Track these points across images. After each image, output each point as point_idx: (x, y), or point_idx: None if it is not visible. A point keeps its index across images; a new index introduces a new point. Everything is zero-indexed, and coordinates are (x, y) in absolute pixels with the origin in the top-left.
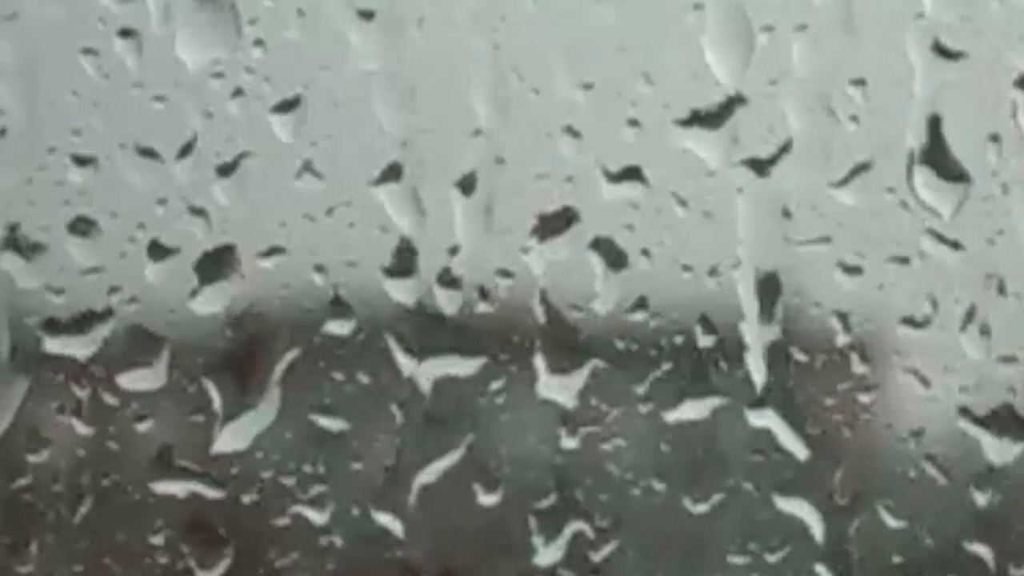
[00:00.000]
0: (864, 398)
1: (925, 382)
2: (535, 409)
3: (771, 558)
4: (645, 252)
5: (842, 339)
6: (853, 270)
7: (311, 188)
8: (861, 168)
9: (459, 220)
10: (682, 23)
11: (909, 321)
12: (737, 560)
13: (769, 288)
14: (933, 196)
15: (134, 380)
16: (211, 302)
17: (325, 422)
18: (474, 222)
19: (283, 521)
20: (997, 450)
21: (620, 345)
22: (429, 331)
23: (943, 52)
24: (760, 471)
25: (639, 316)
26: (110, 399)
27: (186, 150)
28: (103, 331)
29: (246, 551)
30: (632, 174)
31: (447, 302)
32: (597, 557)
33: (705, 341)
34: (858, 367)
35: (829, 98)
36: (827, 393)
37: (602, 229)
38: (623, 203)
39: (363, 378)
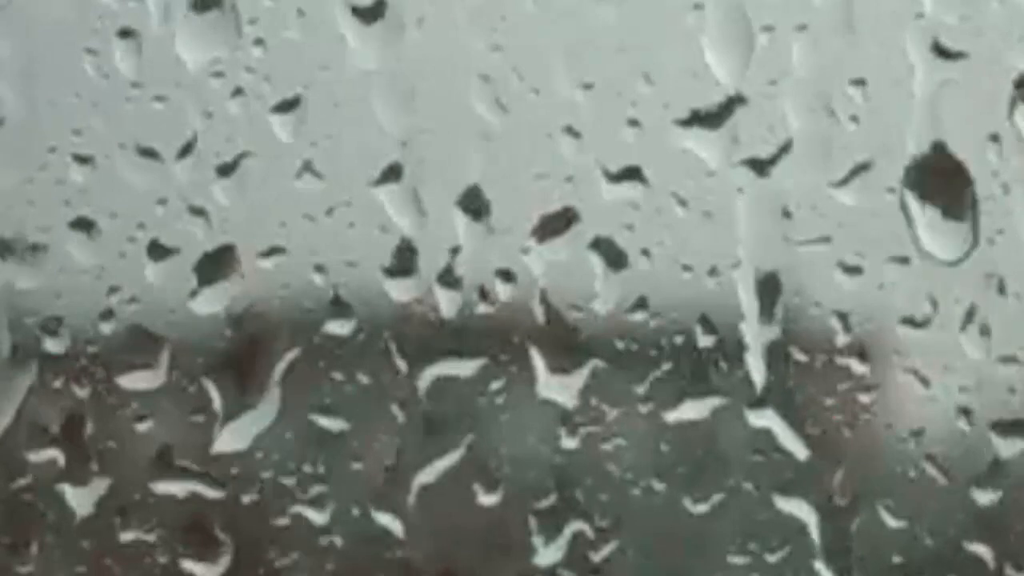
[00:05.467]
0: (864, 398)
1: (925, 382)
2: (535, 409)
3: (771, 558)
4: (645, 252)
5: (842, 339)
6: (853, 270)
7: (311, 188)
8: (861, 168)
9: (459, 220)
10: (682, 23)
11: (909, 321)
12: (737, 560)
13: (769, 288)
14: None
15: (134, 380)
16: (211, 302)
17: (325, 422)
18: (474, 222)
19: (283, 521)
20: (997, 450)
21: (620, 345)
22: (429, 331)
23: (943, 52)
24: (760, 471)
25: (639, 316)
26: (110, 399)
27: (186, 150)
28: (103, 331)
29: (246, 551)
30: (632, 174)
31: (447, 302)
32: (597, 557)
33: (705, 341)
34: (858, 367)
35: (829, 98)
36: (827, 393)
37: (602, 229)
38: (623, 203)
39: (363, 378)
